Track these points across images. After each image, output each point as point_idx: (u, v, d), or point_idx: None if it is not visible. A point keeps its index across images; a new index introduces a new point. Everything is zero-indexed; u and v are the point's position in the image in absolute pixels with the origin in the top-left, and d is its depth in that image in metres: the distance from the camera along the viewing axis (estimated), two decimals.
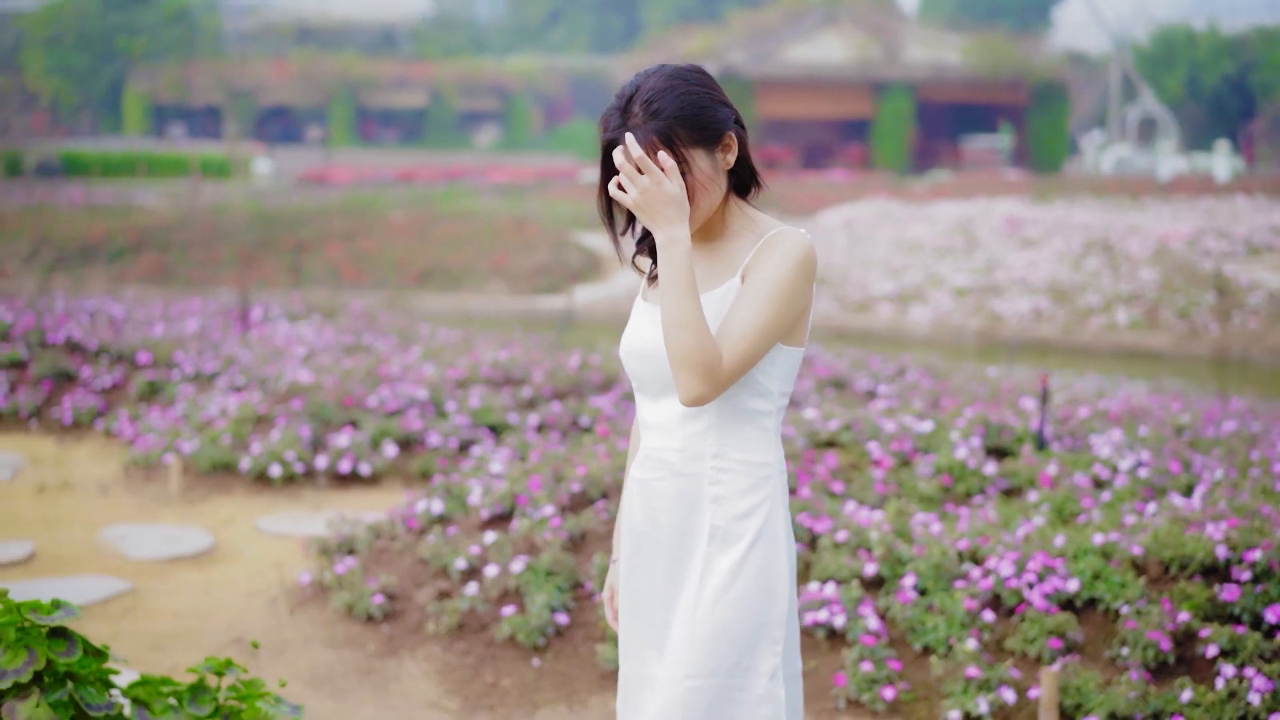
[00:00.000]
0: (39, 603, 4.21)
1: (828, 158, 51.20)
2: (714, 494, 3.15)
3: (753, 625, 3.13)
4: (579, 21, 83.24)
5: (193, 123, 67.25)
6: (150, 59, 66.62)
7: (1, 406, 11.00)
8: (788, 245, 3.11)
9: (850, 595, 5.91)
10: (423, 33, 77.46)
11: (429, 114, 68.65)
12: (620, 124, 3.11)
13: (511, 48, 79.42)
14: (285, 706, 4.41)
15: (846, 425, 7.87)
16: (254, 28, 77.16)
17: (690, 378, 2.99)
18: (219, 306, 14.78)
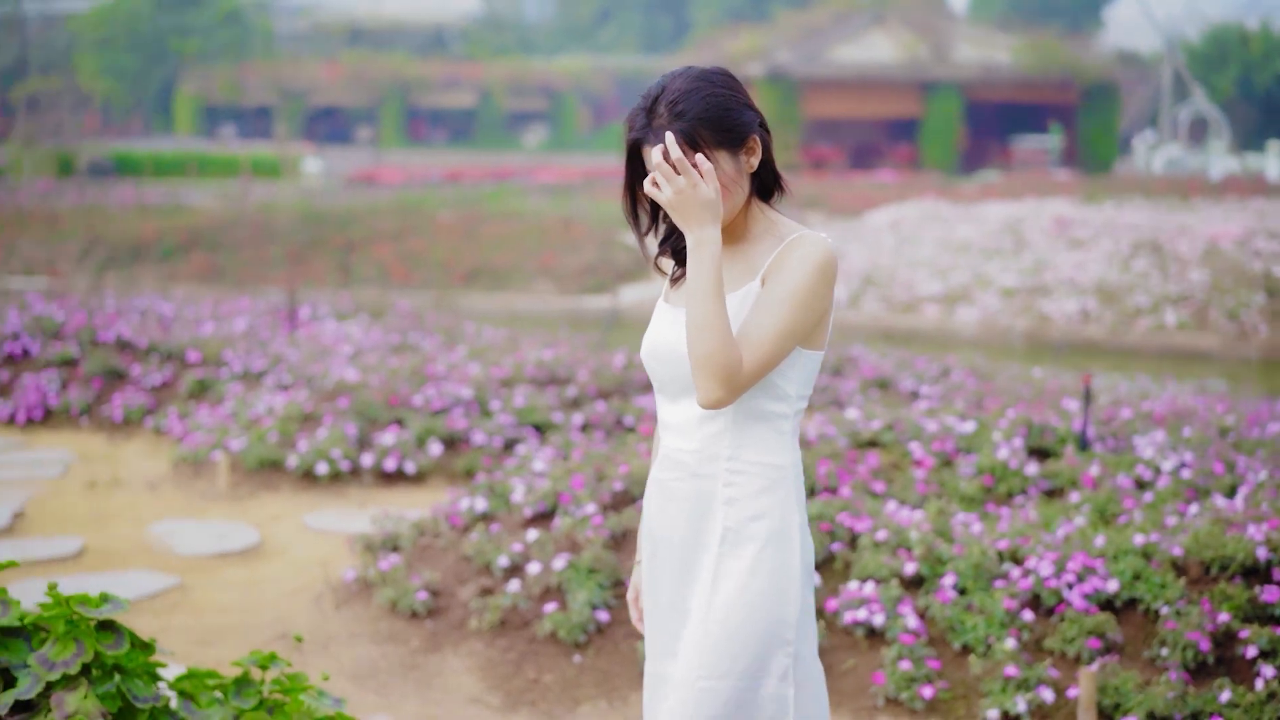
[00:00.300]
0: (87, 596, 4.28)
1: (876, 158, 51.06)
2: (727, 495, 3.16)
3: (765, 627, 3.13)
4: (627, 21, 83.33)
5: (244, 123, 67.63)
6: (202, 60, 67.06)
7: (53, 404, 11.13)
8: (808, 249, 3.11)
9: (890, 594, 5.93)
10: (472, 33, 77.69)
11: (478, 114, 68.87)
12: (645, 124, 3.13)
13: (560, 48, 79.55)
14: (328, 700, 4.48)
15: (889, 425, 7.89)
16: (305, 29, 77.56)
17: (710, 381, 3.00)
18: (268, 305, 14.90)
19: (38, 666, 4.21)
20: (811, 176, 43.08)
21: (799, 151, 49.58)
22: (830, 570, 6.28)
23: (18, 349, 11.94)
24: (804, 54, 50.79)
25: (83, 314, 12.69)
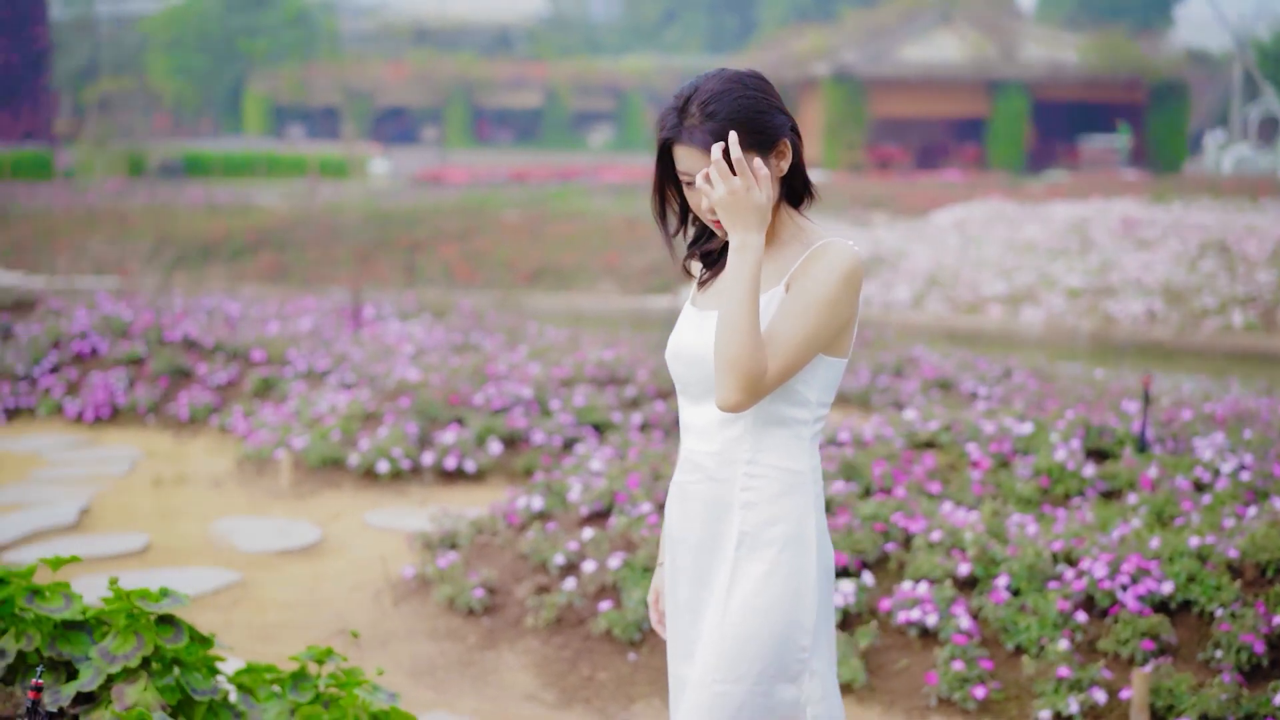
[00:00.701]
0: (148, 591, 4.36)
1: (943, 157, 50.84)
2: (745, 499, 3.15)
3: (779, 632, 3.12)
4: (693, 21, 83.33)
5: (311, 123, 68.11)
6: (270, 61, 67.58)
7: (121, 403, 11.28)
8: (834, 256, 3.10)
9: (943, 595, 5.95)
10: (538, 33, 77.94)
11: (544, 114, 69.09)
12: (677, 124, 3.12)
13: (626, 48, 79.62)
14: (382, 694, 4.54)
15: (946, 426, 7.89)
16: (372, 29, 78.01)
17: (732, 383, 2.99)
18: (332, 305, 15.03)
19: (99, 659, 4.30)
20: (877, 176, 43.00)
21: (865, 151, 49.46)
22: (884, 570, 6.31)
23: (86, 348, 12.11)
24: (870, 53, 50.64)
25: (150, 313, 12.85)
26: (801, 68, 51.38)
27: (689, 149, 3.11)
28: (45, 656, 4.50)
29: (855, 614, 6.06)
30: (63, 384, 11.67)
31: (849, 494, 6.84)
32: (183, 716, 4.34)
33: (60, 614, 4.52)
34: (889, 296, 22.02)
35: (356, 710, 4.45)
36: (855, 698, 5.78)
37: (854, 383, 12.01)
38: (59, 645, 4.52)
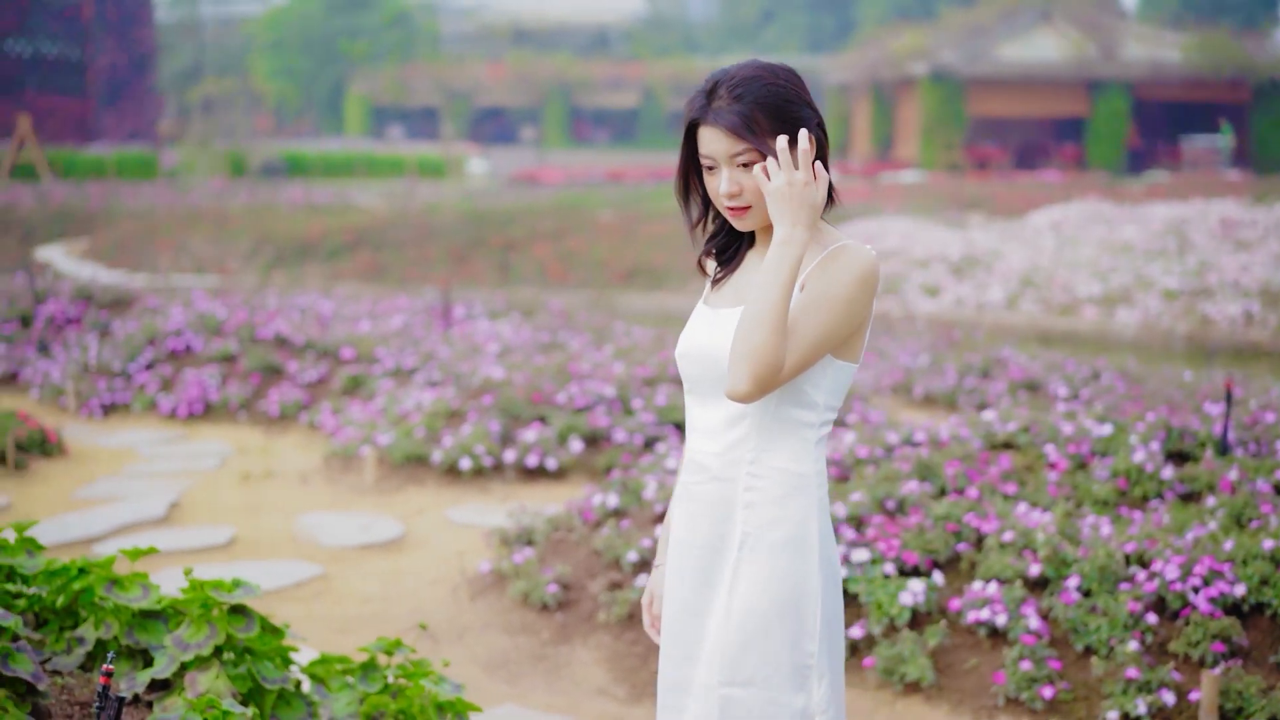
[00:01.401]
0: (221, 582, 4.47)
1: (1042, 158, 50.43)
2: (747, 500, 3.13)
3: (783, 636, 3.10)
4: (792, 21, 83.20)
5: (411, 124, 68.71)
6: (370, 61, 68.25)
7: (213, 399, 11.49)
8: (852, 259, 3.07)
9: (1013, 595, 5.96)
10: (636, 33, 78.13)
11: (640, 114, 69.27)
12: (704, 105, 3.11)
13: (724, 47, 79.60)
14: (448, 685, 4.63)
15: (1025, 427, 7.88)
16: (471, 30, 78.53)
17: (748, 372, 2.95)
18: (424, 304, 15.19)
19: (173, 647, 4.42)
20: (975, 177, 42.72)
21: (963, 152, 49.17)
22: (956, 570, 6.32)
23: (181, 345, 12.34)
24: (969, 53, 50.31)
25: (244, 311, 13.07)
26: (899, 67, 51.17)
27: (714, 130, 3.09)
28: (123, 644, 4.63)
29: (925, 613, 6.09)
30: (157, 380, 11.90)
31: (922, 494, 6.86)
32: (253, 704, 4.44)
33: (138, 604, 4.65)
34: (983, 298, 21.89)
35: (422, 701, 4.54)
36: (923, 696, 5.81)
37: (941, 384, 12.00)
38: (136, 634, 4.65)
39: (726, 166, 3.11)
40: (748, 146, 3.07)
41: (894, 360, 13.13)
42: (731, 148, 3.08)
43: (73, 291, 14.63)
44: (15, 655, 4.12)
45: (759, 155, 3.08)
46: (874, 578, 6.19)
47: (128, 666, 4.60)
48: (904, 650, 5.88)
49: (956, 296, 21.91)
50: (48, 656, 4.58)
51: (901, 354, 13.38)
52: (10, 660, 4.10)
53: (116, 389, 11.86)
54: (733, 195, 3.11)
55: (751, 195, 3.11)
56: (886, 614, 6.05)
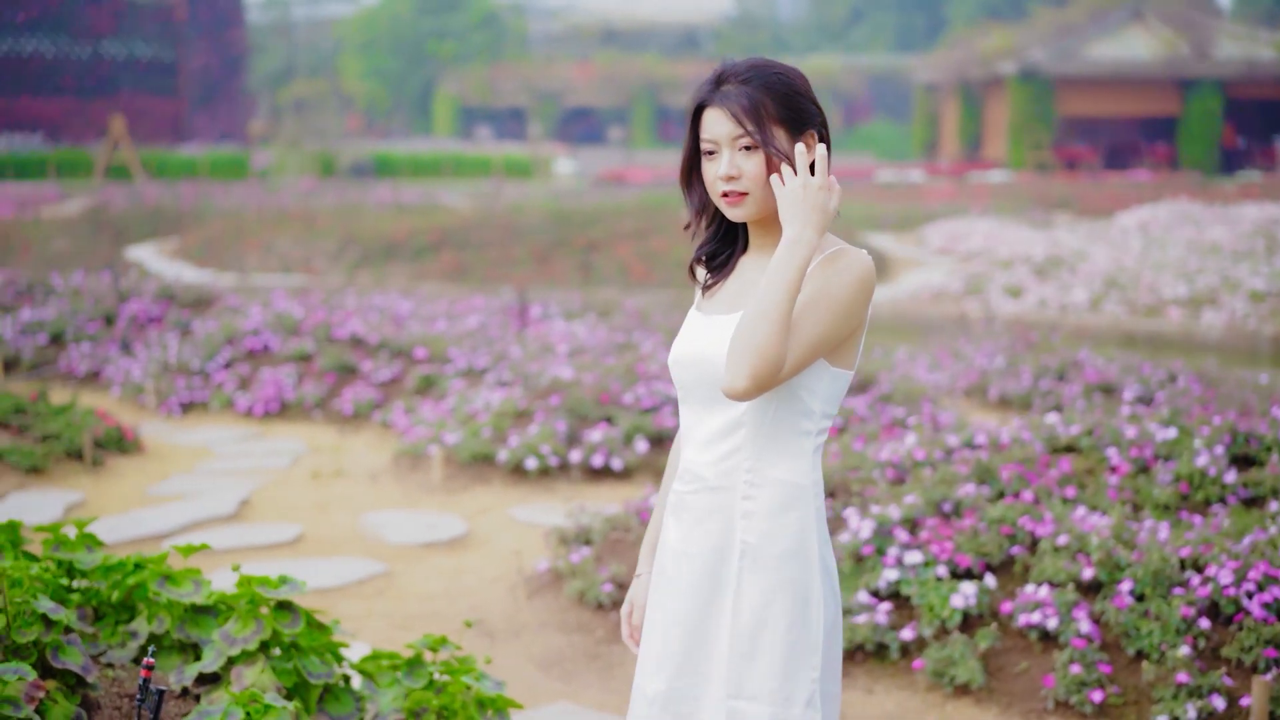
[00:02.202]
0: (267, 578, 4.56)
1: (1132, 157, 49.93)
2: (745, 509, 3.10)
3: (788, 650, 3.09)
4: (881, 20, 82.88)
5: (499, 124, 69.09)
6: (459, 62, 68.68)
7: (289, 398, 11.64)
8: (849, 262, 3.07)
9: (1064, 599, 5.95)
10: (724, 33, 78.09)
11: None
12: (713, 88, 3.11)
13: (813, 46, 79.47)
14: (489, 682, 4.70)
15: (1088, 430, 7.84)
16: (560, 30, 78.86)
17: (748, 368, 2.92)
18: (501, 304, 15.30)
19: (220, 642, 4.51)
20: (1064, 177, 42.38)
21: (1052, 151, 48.78)
22: (1009, 574, 6.32)
23: (259, 344, 12.52)
24: (1058, 51, 49.90)
25: (322, 311, 13.23)
26: (988, 67, 50.86)
27: (719, 111, 3.08)
28: (175, 639, 4.74)
29: (976, 616, 6.09)
30: (235, 379, 12.08)
31: (978, 497, 6.85)
32: (298, 699, 4.53)
33: (189, 599, 4.75)
34: (1066, 299, 21.73)
35: (464, 697, 4.61)
36: (973, 698, 5.81)
37: (1015, 386, 11.95)
38: (188, 628, 4.76)
39: (728, 149, 3.09)
40: (752, 129, 3.06)
41: (970, 362, 13.08)
42: (734, 130, 3.07)
43: (155, 291, 14.89)
44: (65, 648, 4.23)
45: (761, 141, 3.06)
46: (926, 580, 6.20)
47: (179, 660, 4.71)
48: (954, 652, 5.89)
49: (1040, 298, 21.77)
50: (103, 649, 4.70)
51: (978, 356, 13.33)
52: (60, 653, 4.21)
53: (195, 387, 12.05)
54: (731, 178, 3.09)
55: (750, 182, 3.09)
56: (938, 616, 6.06)
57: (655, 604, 3.28)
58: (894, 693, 5.94)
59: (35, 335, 13.89)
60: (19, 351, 13.57)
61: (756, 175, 3.09)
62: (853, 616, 6.13)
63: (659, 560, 3.30)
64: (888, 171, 47.49)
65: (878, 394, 10.53)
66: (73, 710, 4.13)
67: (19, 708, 3.90)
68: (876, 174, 46.44)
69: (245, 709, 4.06)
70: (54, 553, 4.87)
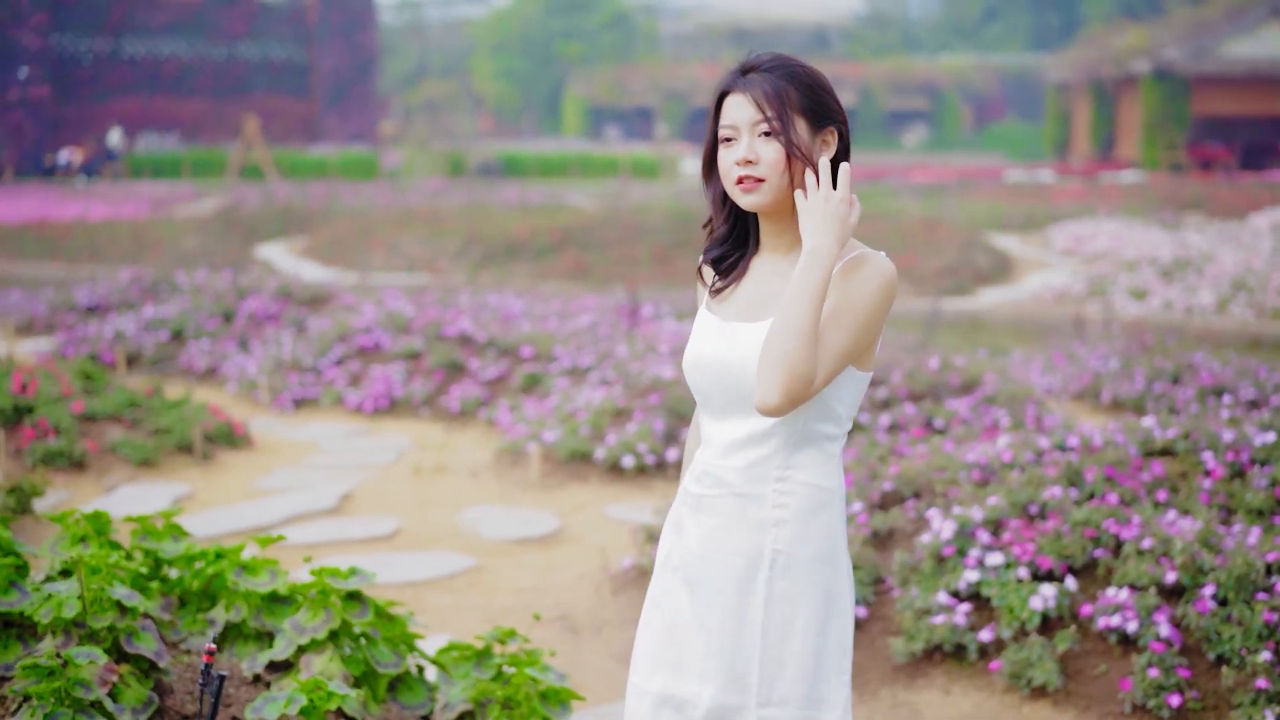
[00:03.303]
0: (338, 569, 4.68)
1: (1269, 157, 48.95)
2: (777, 517, 3.10)
3: (820, 655, 3.11)
4: (1015, 19, 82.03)
5: (628, 124, 69.32)
6: (588, 63, 69.04)
7: (398, 394, 11.82)
8: (873, 268, 3.07)
9: (1145, 602, 5.90)
10: (855, 32, 77.79)
11: (858, 113, 68.94)
12: (738, 76, 3.14)
13: (945, 45, 78.91)
14: (552, 674, 4.78)
15: (1185, 433, 7.75)
16: (690, 30, 79.00)
17: (781, 385, 2.94)
18: (613, 303, 15.39)
19: (290, 631, 4.63)
20: (1198, 177, 41.69)
21: (1186, 151, 48.01)
22: (1091, 576, 6.28)
23: (370, 342, 12.73)
24: (1193, 50, 49.07)
25: (434, 309, 13.41)
26: (1121, 65, 50.15)
27: (742, 96, 3.11)
28: (251, 627, 4.87)
29: (1055, 618, 6.06)
30: (346, 376, 12.29)
31: (1064, 499, 6.81)
32: (366, 687, 4.64)
33: (264, 588, 4.88)
34: (1191, 300, 21.38)
35: (528, 689, 4.69)
36: (1050, 701, 5.80)
37: (1129, 389, 11.82)
38: (263, 616, 4.89)
39: (747, 134, 3.10)
40: (772, 115, 3.08)
41: (1083, 364, 12.96)
42: (755, 115, 3.09)
43: (274, 289, 15.19)
44: (139, 633, 4.36)
45: (780, 128, 3.08)
46: (1007, 581, 6.18)
47: (254, 648, 4.84)
48: (1032, 654, 5.87)
49: (1164, 299, 21.45)
50: (184, 636, 4.84)
51: (1092, 358, 13.20)
52: (134, 638, 4.35)
53: (307, 384, 12.27)
54: (748, 162, 3.10)
55: (767, 168, 3.09)
56: (1017, 618, 6.04)
57: (665, 603, 3.27)
58: (971, 694, 5.93)
59: (157, 332, 14.24)
60: (141, 347, 13.91)
61: (774, 162, 3.09)
62: (931, 617, 6.14)
63: (664, 550, 3.29)
64: (1017, 171, 47.02)
65: (981, 396, 10.47)
66: (145, 694, 4.26)
67: (90, 690, 4.04)
68: (1006, 174, 46.00)
69: (309, 696, 4.17)
70: (141, 542, 5.03)
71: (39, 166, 49.12)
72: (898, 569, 6.42)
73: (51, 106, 52.41)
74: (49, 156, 49.40)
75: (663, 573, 3.29)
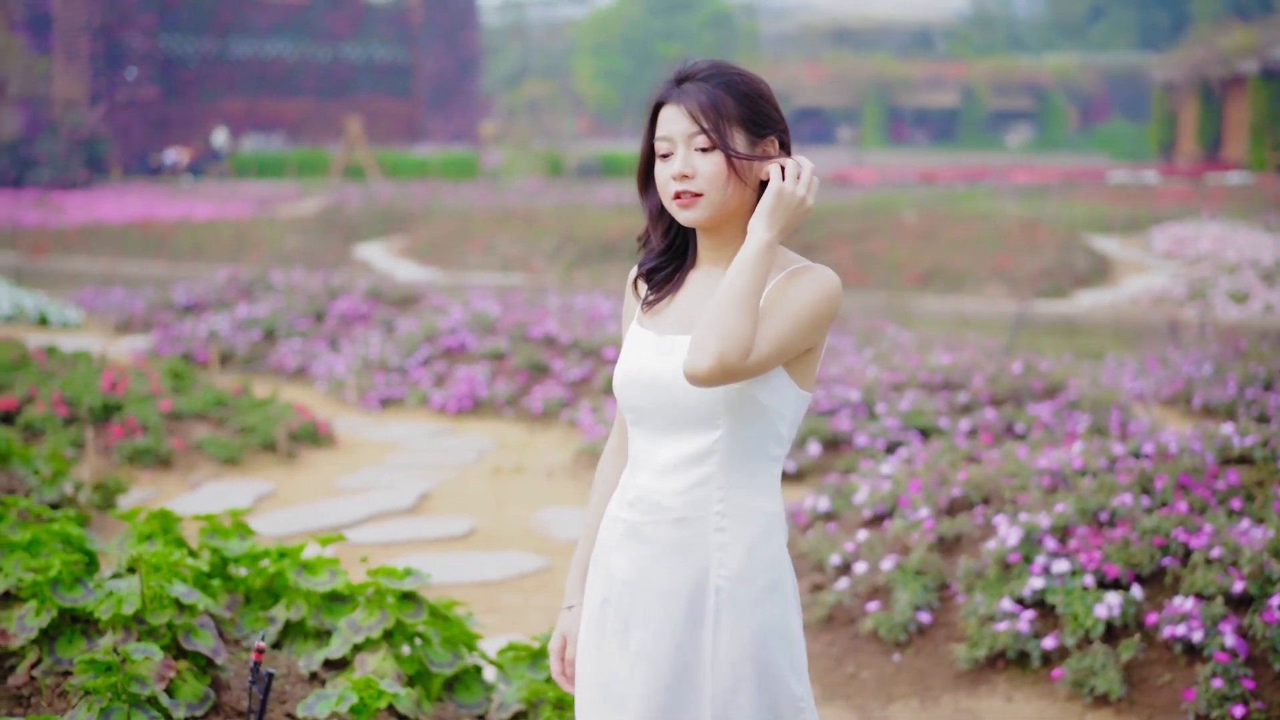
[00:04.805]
0: (393, 569, 4.75)
1: None
2: (719, 541, 2.97)
3: (775, 687, 2.99)
4: (1122, 18, 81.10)
5: None
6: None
7: (482, 395, 11.92)
8: (817, 277, 2.96)
9: (1210, 612, 5.85)
10: (959, 31, 77.27)
11: (960, 114, 68.51)
12: (672, 86, 3.01)
13: (1050, 45, 78.18)
14: None
15: (1263, 440, 7.66)
16: (792, 29, 78.85)
17: (714, 348, 2.80)
18: None
19: (346, 629, 4.71)
20: None
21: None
22: (1158, 585, 6.23)
23: (456, 343, 12.84)
24: None
25: (519, 311, 13.50)
26: (1229, 65, 49.46)
27: (678, 108, 2.98)
28: (311, 625, 4.95)
29: (1120, 626, 6.02)
30: (431, 376, 12.41)
31: (1135, 506, 6.76)
32: (419, 686, 4.71)
33: (324, 587, 4.96)
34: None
35: None
36: (1113, 710, 5.76)
37: (1221, 394, 11.68)
38: (322, 615, 4.97)
39: (683, 147, 2.97)
40: (709, 127, 2.95)
41: (1176, 369, 12.82)
42: (691, 127, 2.96)
43: (364, 290, 15.37)
44: (197, 631, 4.46)
45: (718, 141, 2.94)
46: (1072, 589, 6.15)
47: (313, 646, 4.92)
48: (1095, 662, 5.84)
49: (1266, 303, 21.15)
50: (245, 634, 4.93)
51: (1185, 363, 13.05)
52: (192, 635, 4.44)
53: (394, 384, 12.40)
54: (685, 177, 2.97)
55: (705, 183, 2.96)
56: (1081, 626, 6.01)
57: (598, 641, 3.13)
58: (1033, 701, 5.91)
59: (250, 331, 14.45)
60: (234, 346, 14.13)
61: (712, 176, 2.96)
62: (995, 623, 6.12)
63: (598, 592, 3.13)
64: (1121, 172, 46.52)
65: (1065, 401, 10.40)
66: (202, 690, 4.35)
67: (146, 686, 4.13)
68: (1109, 175, 45.52)
69: (360, 693, 4.24)
70: (208, 540, 5.13)
71: (145, 166, 49.98)
72: (963, 575, 6.41)
73: (158, 107, 53.29)
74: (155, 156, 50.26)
75: (599, 609, 3.13)
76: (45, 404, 9.78)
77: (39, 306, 17.65)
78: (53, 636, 4.47)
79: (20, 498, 5.77)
